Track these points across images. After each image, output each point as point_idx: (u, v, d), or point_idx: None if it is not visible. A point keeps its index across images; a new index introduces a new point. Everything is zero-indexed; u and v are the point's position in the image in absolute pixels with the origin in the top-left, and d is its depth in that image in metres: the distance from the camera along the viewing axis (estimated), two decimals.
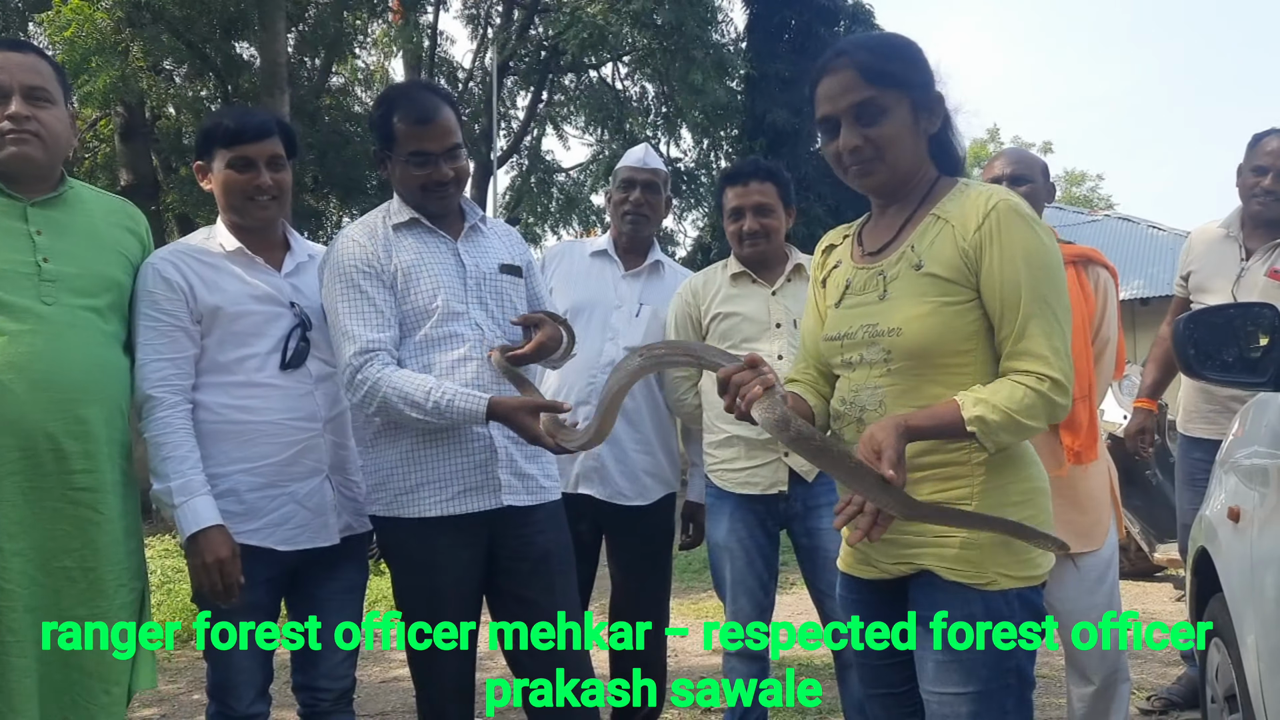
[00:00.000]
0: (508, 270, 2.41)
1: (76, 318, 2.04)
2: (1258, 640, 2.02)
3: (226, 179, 2.25)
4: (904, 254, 1.69)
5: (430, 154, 2.28)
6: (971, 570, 1.62)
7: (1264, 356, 2.00)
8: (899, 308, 1.66)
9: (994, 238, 1.60)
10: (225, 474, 2.17)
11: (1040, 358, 1.57)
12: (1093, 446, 2.73)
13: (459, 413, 2.15)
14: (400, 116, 2.28)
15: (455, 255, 2.35)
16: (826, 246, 1.91)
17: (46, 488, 1.98)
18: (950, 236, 1.64)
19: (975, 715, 1.62)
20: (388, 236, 2.32)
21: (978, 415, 1.53)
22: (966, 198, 1.66)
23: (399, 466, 2.27)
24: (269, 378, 2.20)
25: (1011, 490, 1.64)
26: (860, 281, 1.75)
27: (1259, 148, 3.33)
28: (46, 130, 2.05)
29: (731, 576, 2.83)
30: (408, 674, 4.46)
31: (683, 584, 6.16)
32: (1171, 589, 5.57)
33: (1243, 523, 2.14)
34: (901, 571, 1.71)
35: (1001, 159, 2.95)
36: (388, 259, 2.29)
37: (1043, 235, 1.62)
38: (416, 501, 2.27)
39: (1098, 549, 2.79)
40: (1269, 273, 3.24)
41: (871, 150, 1.68)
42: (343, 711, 2.36)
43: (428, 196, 2.32)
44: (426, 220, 2.35)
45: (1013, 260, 1.59)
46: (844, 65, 1.68)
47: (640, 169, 3.11)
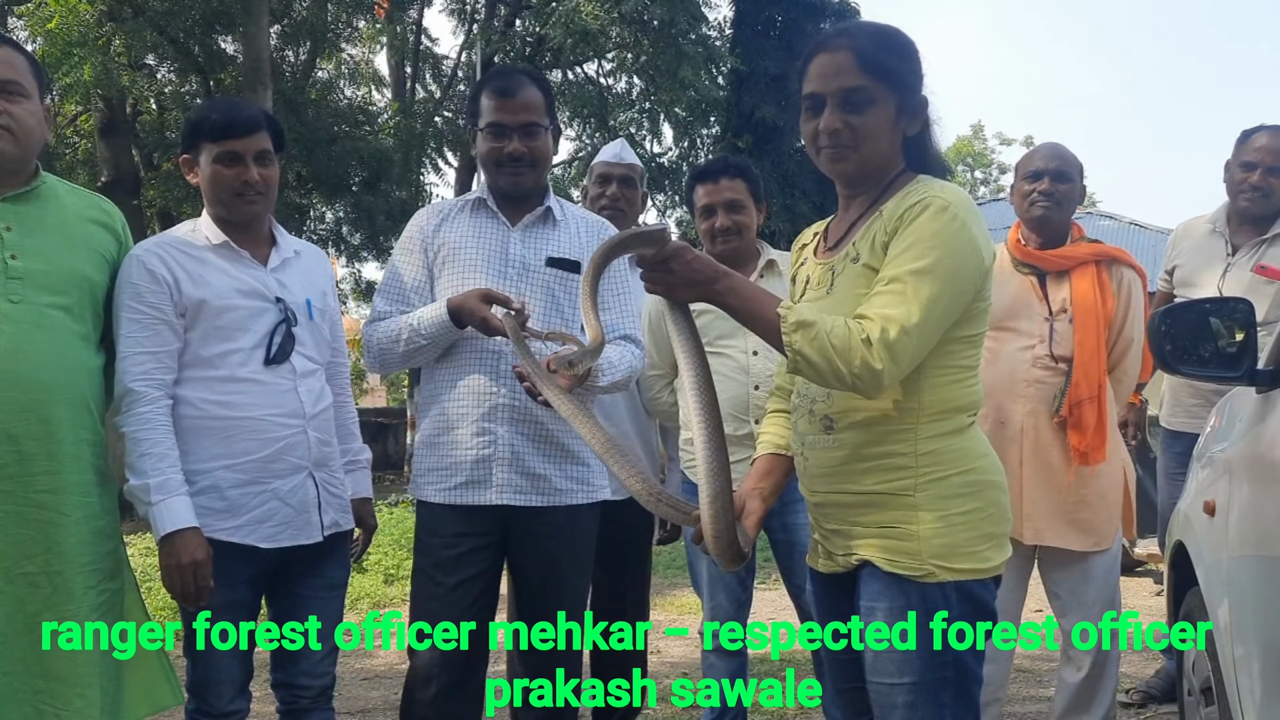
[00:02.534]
0: (557, 264, 2.39)
1: (44, 316, 2.01)
2: (1232, 633, 2.03)
3: (214, 174, 2.22)
4: (848, 250, 1.71)
5: (506, 127, 2.32)
6: (909, 562, 1.62)
7: (1239, 351, 2.01)
8: (841, 301, 1.67)
9: (907, 222, 1.59)
10: (207, 470, 2.14)
11: (870, 318, 1.53)
12: (1101, 448, 2.74)
13: (430, 324, 2.27)
14: (487, 90, 2.34)
15: (504, 243, 2.37)
16: (801, 245, 1.93)
17: (7, 491, 1.94)
18: (880, 227, 1.65)
19: (911, 706, 1.63)
20: (446, 213, 2.41)
21: (794, 308, 1.55)
22: (909, 192, 1.65)
23: (421, 450, 2.38)
24: (252, 373, 2.18)
25: (955, 481, 1.64)
26: (816, 277, 1.78)
27: (1248, 144, 3.34)
28: (19, 124, 2.02)
29: (710, 573, 2.84)
30: (389, 670, 4.50)
31: (667, 580, 6.17)
32: (1152, 584, 5.61)
33: (1217, 516, 2.16)
34: (850, 564, 1.72)
35: (1044, 154, 2.90)
36: (433, 235, 2.38)
37: (958, 226, 1.58)
38: (426, 486, 2.36)
39: (1106, 549, 2.81)
40: (1255, 268, 3.26)
41: (849, 137, 1.68)
42: (322, 709, 2.35)
43: (500, 172, 2.36)
44: (493, 202, 2.39)
45: (912, 239, 1.57)
46: (843, 47, 1.67)
47: (616, 164, 3.11)
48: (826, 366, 1.53)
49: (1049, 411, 2.76)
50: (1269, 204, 3.30)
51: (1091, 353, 2.74)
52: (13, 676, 1.92)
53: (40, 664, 1.95)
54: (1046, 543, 2.80)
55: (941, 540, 1.62)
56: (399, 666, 4.44)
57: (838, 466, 1.69)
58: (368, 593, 6.02)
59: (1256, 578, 1.87)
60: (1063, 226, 2.89)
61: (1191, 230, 3.54)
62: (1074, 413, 2.73)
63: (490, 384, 2.30)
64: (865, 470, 1.65)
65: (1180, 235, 3.59)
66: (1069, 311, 2.79)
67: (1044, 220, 2.86)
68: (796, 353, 1.54)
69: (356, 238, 13.42)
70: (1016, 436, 2.77)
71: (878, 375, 1.52)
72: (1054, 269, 2.85)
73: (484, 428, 2.29)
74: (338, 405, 2.41)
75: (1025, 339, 2.77)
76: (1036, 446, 2.77)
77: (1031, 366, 2.76)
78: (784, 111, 12.32)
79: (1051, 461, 2.76)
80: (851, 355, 1.51)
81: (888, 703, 1.65)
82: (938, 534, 1.62)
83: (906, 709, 1.63)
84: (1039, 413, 2.77)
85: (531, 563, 2.36)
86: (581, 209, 2.57)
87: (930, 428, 1.64)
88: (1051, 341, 2.78)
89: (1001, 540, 1.69)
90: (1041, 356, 2.77)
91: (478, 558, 2.33)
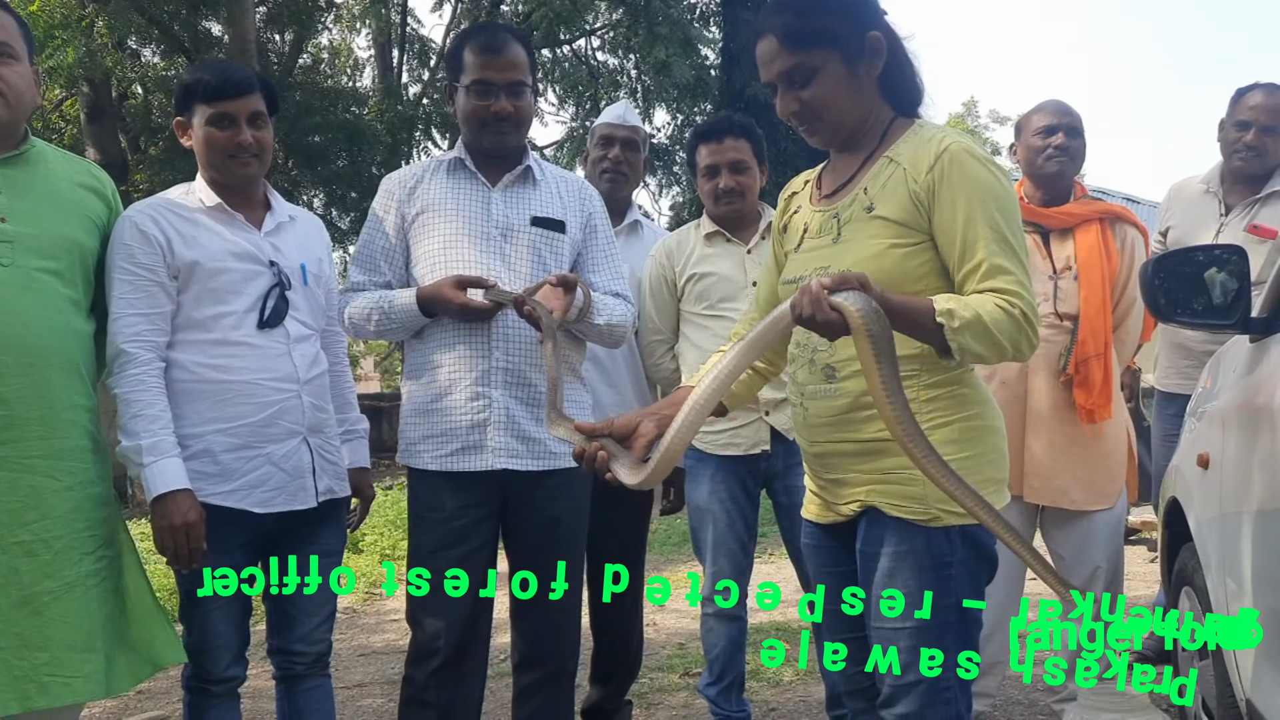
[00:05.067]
0: (542, 223, 2.37)
1: (34, 280, 1.98)
2: (1227, 585, 2.04)
3: (207, 136, 2.21)
4: (857, 196, 1.69)
5: (493, 84, 2.29)
6: (915, 507, 1.63)
7: (1232, 300, 2.01)
8: (851, 250, 1.66)
9: (946, 178, 1.59)
10: (200, 434, 2.13)
11: (1011, 292, 1.55)
12: (1106, 405, 2.74)
13: (401, 310, 2.28)
14: (470, 46, 2.30)
15: (485, 203, 2.34)
16: (790, 194, 1.91)
17: (1, 456, 1.92)
18: (902, 179, 1.63)
19: (912, 650, 1.63)
20: (421, 178, 2.37)
21: (949, 309, 1.50)
22: (919, 139, 1.65)
23: (410, 417, 2.35)
24: (245, 336, 2.17)
25: (958, 427, 1.64)
26: (817, 224, 1.75)
27: (1242, 102, 3.31)
28: (9, 87, 1.99)
29: (713, 538, 2.83)
30: (386, 647, 4.51)
31: (663, 556, 6.18)
32: (1145, 551, 5.64)
33: (1211, 468, 2.17)
34: (853, 511, 1.71)
35: (1055, 110, 2.88)
36: (408, 198, 2.35)
37: (997, 174, 1.61)
38: (420, 454, 2.34)
39: (1110, 507, 2.81)
40: (1248, 228, 3.25)
41: (808, 112, 1.69)
42: (318, 675, 2.35)
43: (484, 130, 2.32)
44: (471, 163, 2.36)
45: (968, 200, 1.58)
46: (768, 30, 1.68)
47: (619, 125, 3.07)
48: (994, 354, 1.55)
49: (1054, 370, 2.76)
50: (1263, 163, 3.29)
51: (1098, 308, 2.74)
52: (7, 652, 1.89)
53: (40, 634, 1.92)
54: (1050, 502, 2.80)
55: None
56: (397, 644, 4.45)
57: (840, 415, 1.68)
58: (364, 573, 6.03)
59: (1251, 527, 1.87)
60: (1070, 183, 2.89)
61: (1184, 190, 3.52)
62: (1080, 370, 2.72)
63: (483, 348, 2.28)
64: (868, 418, 1.64)
65: (1173, 196, 3.57)
66: (1073, 269, 2.79)
67: (1059, 175, 2.85)
68: (964, 351, 1.52)
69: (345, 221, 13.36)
70: (1022, 395, 2.77)
71: (1034, 345, 1.58)
72: (1058, 226, 2.84)
73: (478, 391, 2.27)
74: (334, 374, 2.40)
75: None
76: (1041, 405, 2.76)
77: None
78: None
79: (1056, 420, 2.76)
80: (1018, 336, 1.54)
81: (889, 646, 1.65)
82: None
83: (909, 653, 1.63)
84: (1044, 371, 2.76)
85: (532, 527, 2.35)
86: (558, 168, 2.54)
87: (932, 375, 1.64)
88: (1056, 299, 2.77)
89: (1001, 486, 1.69)
90: (1046, 315, 2.75)
91: (483, 528, 2.32)
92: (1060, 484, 2.77)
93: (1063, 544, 2.87)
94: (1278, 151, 3.29)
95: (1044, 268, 2.80)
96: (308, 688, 2.33)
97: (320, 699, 2.35)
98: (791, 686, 3.58)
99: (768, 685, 3.59)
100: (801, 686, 3.57)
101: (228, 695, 2.23)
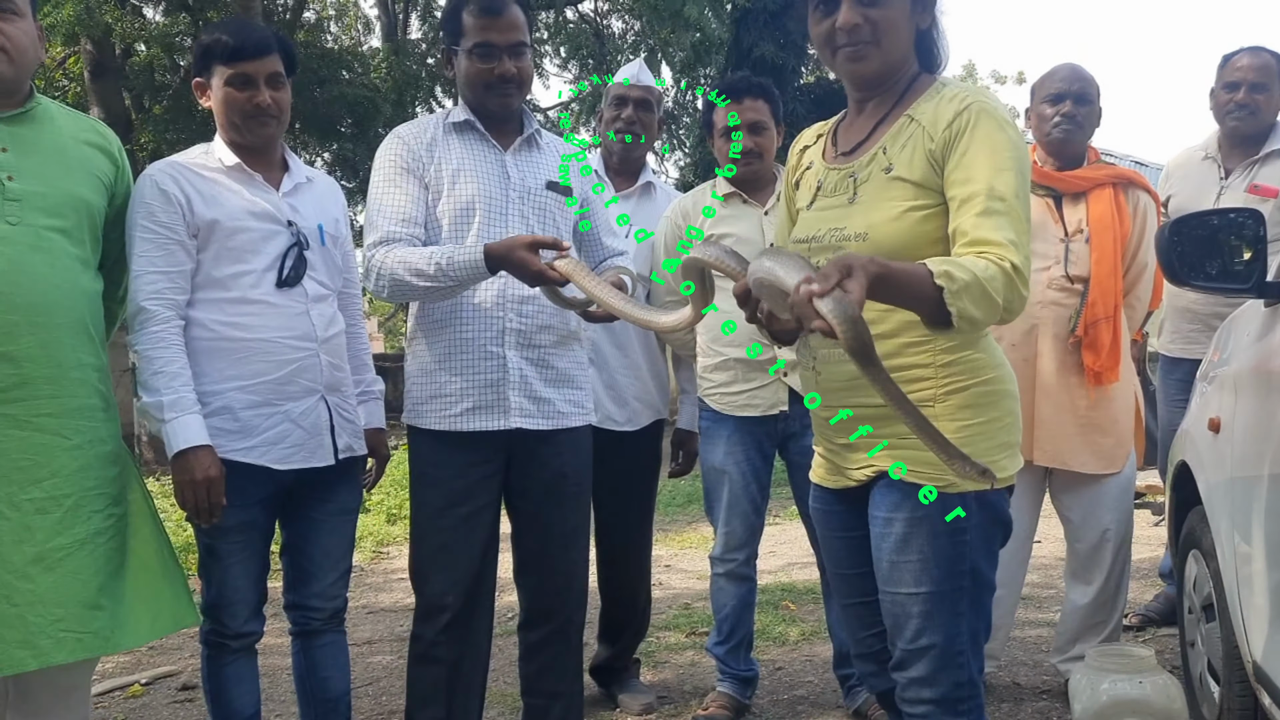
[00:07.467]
0: (554, 188, 2.39)
1: (41, 238, 1.97)
2: (1235, 548, 2.06)
3: (226, 96, 2.21)
4: (875, 156, 1.67)
5: (495, 46, 2.27)
6: (931, 471, 1.61)
7: (1248, 264, 2.01)
8: (867, 211, 1.64)
9: (961, 134, 1.58)
10: (219, 391, 2.15)
11: (1001, 245, 1.51)
12: (1114, 368, 2.75)
13: (461, 267, 2.14)
14: (469, 9, 2.28)
15: (502, 166, 2.34)
16: (801, 147, 1.88)
17: (9, 415, 1.92)
18: (920, 139, 1.62)
19: (927, 616, 1.63)
20: (435, 137, 2.33)
21: (945, 270, 1.46)
22: (941, 98, 1.64)
23: (417, 378, 2.34)
24: (264, 294, 2.18)
25: (974, 391, 1.63)
26: (831, 183, 1.73)
27: (1229, 65, 3.37)
28: (13, 44, 1.97)
29: (728, 499, 2.85)
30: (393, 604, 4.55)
31: (668, 517, 6.22)
32: (1150, 515, 5.66)
33: (1222, 432, 2.18)
34: (866, 477, 1.71)
35: (1065, 76, 2.87)
36: (429, 158, 2.31)
37: (1012, 136, 1.60)
38: (426, 414, 2.32)
39: (1119, 471, 2.83)
40: (1249, 189, 3.27)
41: (869, 31, 1.64)
42: (334, 630, 2.38)
43: (489, 94, 2.30)
44: (480, 125, 2.34)
45: (977, 155, 1.56)
46: None
47: (634, 85, 3.05)
48: (991, 313, 1.49)
49: (1064, 333, 2.76)
50: (1257, 121, 3.31)
51: (1109, 271, 2.75)
52: (23, 608, 1.89)
53: (55, 591, 1.93)
54: (1059, 465, 2.81)
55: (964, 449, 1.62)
56: (404, 602, 4.49)
57: (855, 379, 1.64)
58: (371, 532, 6.08)
59: (1262, 491, 1.89)
60: (1081, 149, 2.88)
61: (1183, 159, 3.56)
62: (1089, 333, 2.73)
63: (497, 309, 2.28)
64: None
65: (1174, 166, 3.61)
66: (1085, 232, 2.78)
67: (1065, 143, 2.85)
68: (963, 316, 1.45)
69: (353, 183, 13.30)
70: (1031, 358, 2.77)
71: (1025, 300, 1.53)
72: (1070, 190, 2.84)
73: (492, 352, 2.28)
74: (351, 335, 2.41)
75: (1040, 260, 2.74)
76: (1050, 368, 2.77)
77: (1047, 288, 2.76)
78: (784, 50, 12.13)
79: (1065, 383, 2.77)
80: (1011, 293, 1.50)
81: (903, 613, 1.65)
82: (959, 443, 1.58)
83: (923, 618, 1.63)
84: (1054, 335, 2.77)
85: (540, 484, 2.36)
86: (550, 134, 2.54)
87: (948, 340, 1.62)
88: (1067, 262, 2.77)
89: (1015, 450, 1.69)
90: (1057, 278, 2.76)
91: (490, 485, 2.34)
92: (1070, 448, 2.79)
93: (1072, 507, 2.88)
94: (1270, 109, 3.33)
95: (1056, 231, 2.80)
96: (324, 643, 2.37)
97: (335, 654, 2.39)
98: (798, 646, 3.62)
99: (774, 644, 3.63)
100: (807, 645, 3.61)
101: (245, 650, 2.27)
